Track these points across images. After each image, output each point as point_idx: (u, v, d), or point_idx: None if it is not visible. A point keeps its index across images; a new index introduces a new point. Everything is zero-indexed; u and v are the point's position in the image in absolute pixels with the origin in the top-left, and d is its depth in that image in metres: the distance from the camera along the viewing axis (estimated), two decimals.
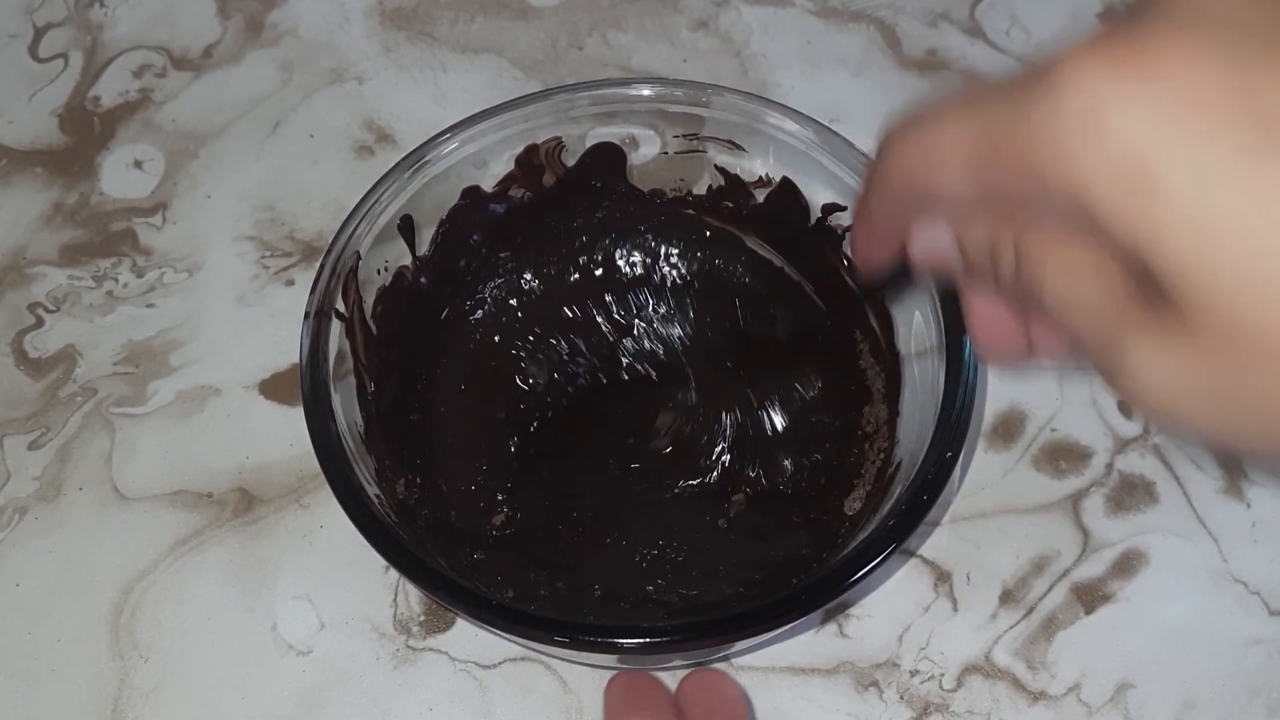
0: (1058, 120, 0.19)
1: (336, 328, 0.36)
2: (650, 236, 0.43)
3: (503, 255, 0.42)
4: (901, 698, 0.38)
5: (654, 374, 0.42)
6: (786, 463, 0.40)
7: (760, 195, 0.41)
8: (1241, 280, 0.18)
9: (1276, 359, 0.19)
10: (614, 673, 0.36)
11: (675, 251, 0.43)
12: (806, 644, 0.39)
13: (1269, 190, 0.18)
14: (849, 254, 0.29)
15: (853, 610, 0.39)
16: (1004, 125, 0.21)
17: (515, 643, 0.37)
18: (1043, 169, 0.20)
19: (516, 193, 0.41)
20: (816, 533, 0.38)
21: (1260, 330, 0.19)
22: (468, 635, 0.39)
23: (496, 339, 0.42)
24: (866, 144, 0.38)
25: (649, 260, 0.43)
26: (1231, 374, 0.20)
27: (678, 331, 0.42)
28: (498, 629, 0.31)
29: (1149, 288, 0.20)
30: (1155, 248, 0.19)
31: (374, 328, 0.38)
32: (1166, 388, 0.21)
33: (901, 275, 0.30)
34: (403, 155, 0.38)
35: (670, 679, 0.38)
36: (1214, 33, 0.19)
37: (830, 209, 0.39)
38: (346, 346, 0.37)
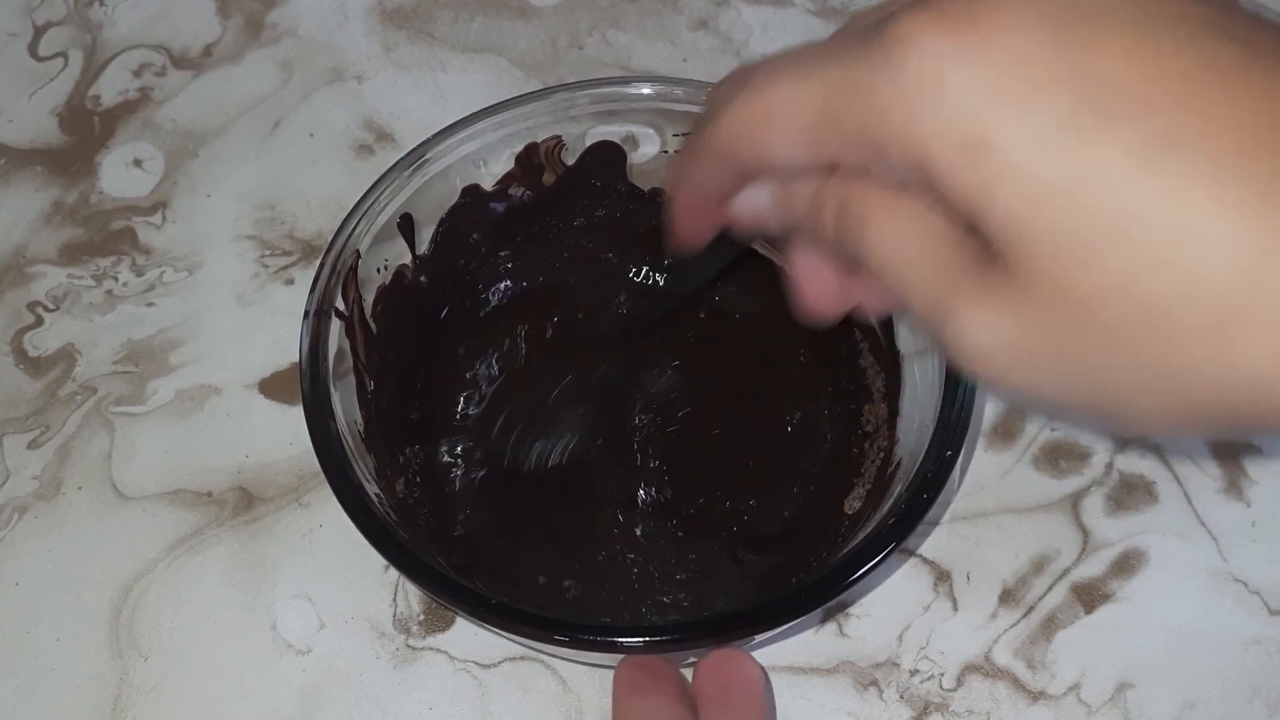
0: (899, 86, 0.20)
1: (336, 326, 0.36)
2: (652, 240, 0.43)
3: (503, 254, 0.42)
4: (901, 697, 0.38)
5: (664, 376, 0.42)
6: (787, 462, 0.40)
7: None
8: (1062, 240, 0.19)
9: (1094, 319, 0.20)
10: (614, 672, 0.36)
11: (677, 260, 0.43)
12: (806, 643, 0.39)
13: (1086, 156, 0.19)
14: (667, 226, 0.29)
15: (853, 610, 0.39)
16: (843, 91, 0.21)
17: (515, 642, 0.37)
18: (883, 134, 0.21)
19: (516, 191, 0.41)
20: (816, 533, 0.38)
21: (1080, 290, 0.20)
22: (467, 634, 0.39)
23: (497, 336, 0.42)
24: None
25: (652, 265, 0.43)
26: (1056, 335, 0.20)
27: (691, 334, 0.42)
28: (497, 628, 0.31)
29: (980, 252, 0.21)
30: (988, 208, 0.20)
31: (374, 326, 0.38)
32: (996, 350, 0.21)
33: (719, 244, 0.29)
34: (402, 154, 0.38)
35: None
36: (1043, 4, 0.20)
37: None
38: (346, 345, 0.37)
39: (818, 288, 0.28)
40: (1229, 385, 0.19)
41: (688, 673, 0.38)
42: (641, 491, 0.40)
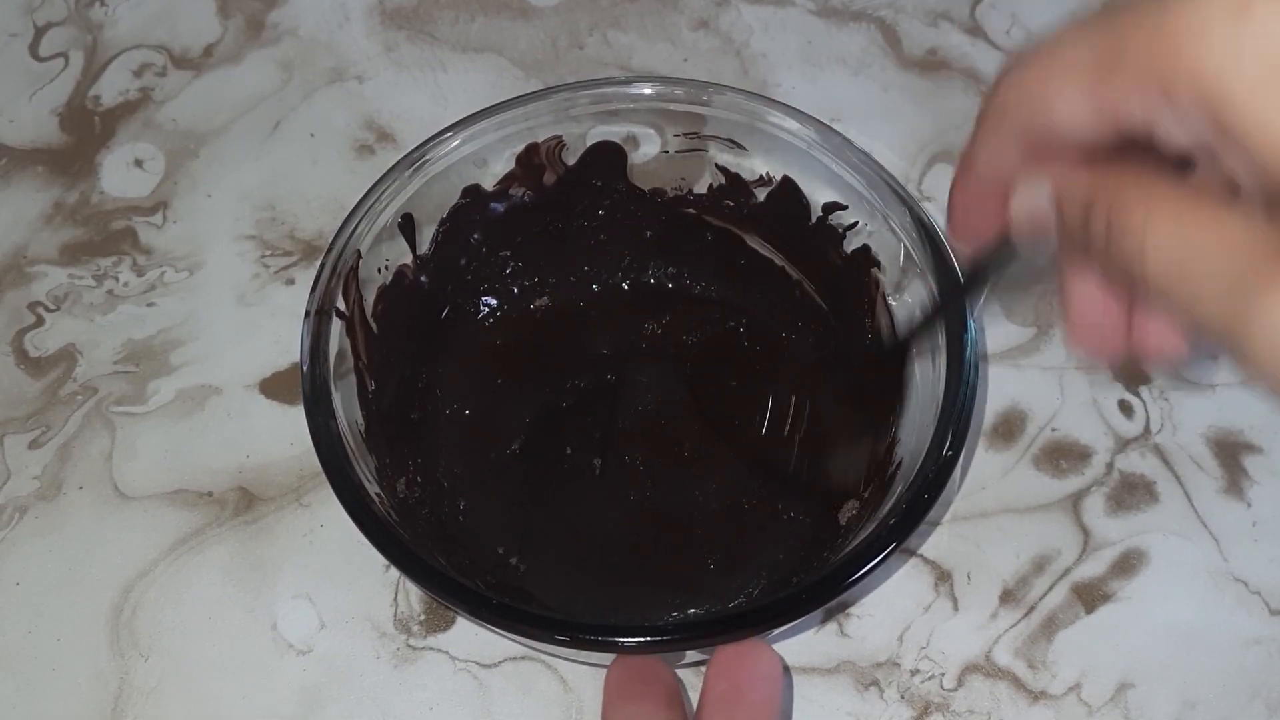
0: (1197, 15, 0.18)
1: (337, 326, 0.36)
2: (653, 244, 0.43)
3: (503, 254, 0.42)
4: (902, 697, 0.38)
5: (663, 375, 0.42)
6: (787, 462, 0.40)
7: (761, 194, 0.41)
8: None
9: None
10: (606, 673, 0.35)
11: (680, 261, 0.43)
12: (806, 643, 0.39)
13: None
14: (946, 230, 0.26)
15: (853, 610, 0.39)
16: (1128, 29, 0.19)
17: (515, 642, 0.37)
18: (1176, 71, 0.18)
19: (517, 191, 0.41)
20: (816, 533, 0.38)
21: None
22: (468, 634, 0.39)
23: (497, 338, 0.42)
24: (867, 143, 0.38)
25: (654, 266, 0.43)
26: None
27: (691, 333, 0.42)
28: (498, 628, 0.31)
29: (1267, 209, 0.18)
30: None
31: (374, 326, 0.38)
32: None
33: (1002, 249, 0.27)
34: (403, 154, 0.38)
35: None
36: None
37: (831, 208, 0.39)
38: (347, 345, 0.37)
39: (1094, 320, 0.25)
40: None
41: (685, 673, 0.38)
42: (644, 491, 0.40)
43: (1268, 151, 0.17)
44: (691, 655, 0.37)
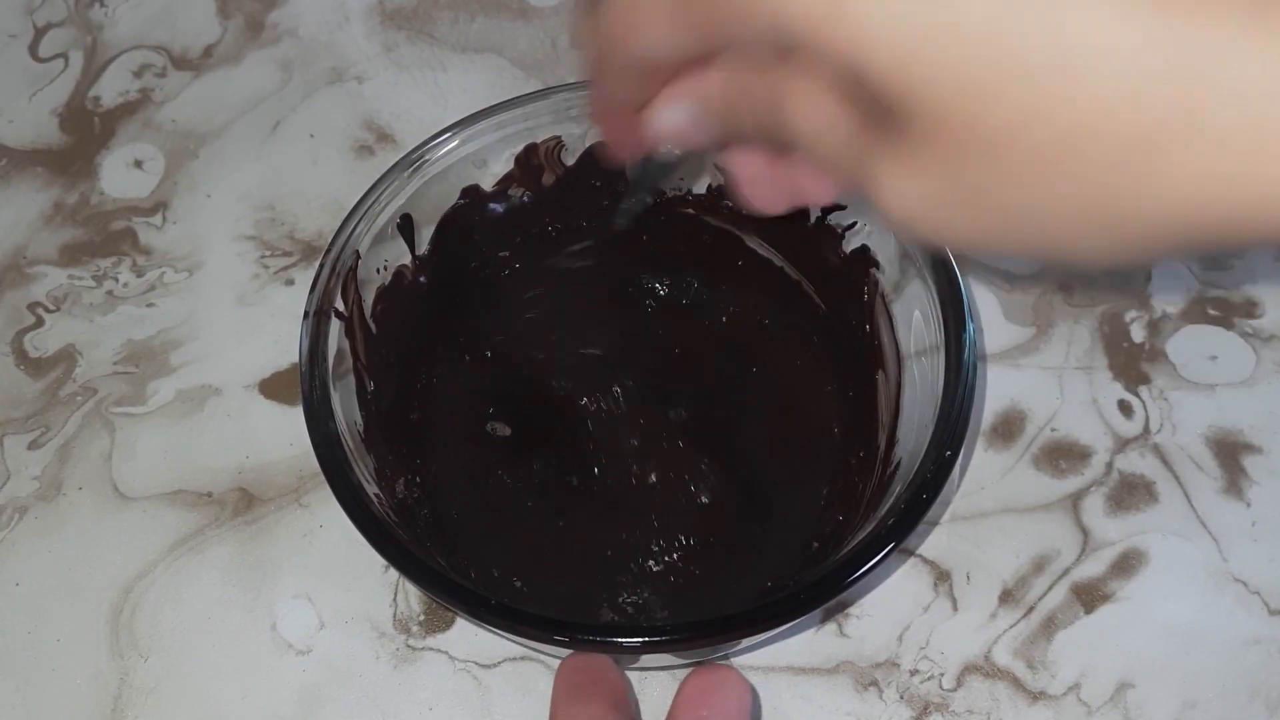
0: None
1: (336, 327, 0.36)
2: (654, 245, 0.43)
3: (502, 255, 0.42)
4: (901, 697, 0.38)
5: (662, 376, 0.42)
6: (788, 463, 0.40)
7: None
8: (950, 80, 0.18)
9: (1006, 157, 0.19)
10: (556, 671, 0.35)
11: (679, 266, 0.43)
12: (806, 644, 0.39)
13: None
14: (603, 147, 0.29)
15: (852, 610, 0.39)
16: None
17: (515, 642, 0.37)
18: (739, 4, 0.20)
19: (516, 192, 0.41)
20: (816, 532, 0.38)
21: (983, 129, 0.19)
22: (467, 635, 0.39)
23: (496, 337, 0.42)
24: None
25: (655, 268, 0.43)
26: (972, 181, 0.19)
27: (690, 332, 0.42)
28: (497, 629, 0.31)
29: (876, 107, 0.20)
30: (861, 60, 0.19)
31: (373, 327, 0.38)
32: (912, 202, 0.21)
33: (653, 158, 0.29)
34: (402, 155, 0.38)
35: (671, 677, 0.38)
36: None
37: (830, 208, 0.39)
38: (346, 346, 0.37)
39: (755, 179, 0.27)
40: (1171, 207, 0.18)
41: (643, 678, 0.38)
42: (642, 493, 0.40)
43: (831, 58, 0.19)
44: (692, 655, 0.37)
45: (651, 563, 0.38)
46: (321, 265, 0.36)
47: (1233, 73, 0.17)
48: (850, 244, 0.39)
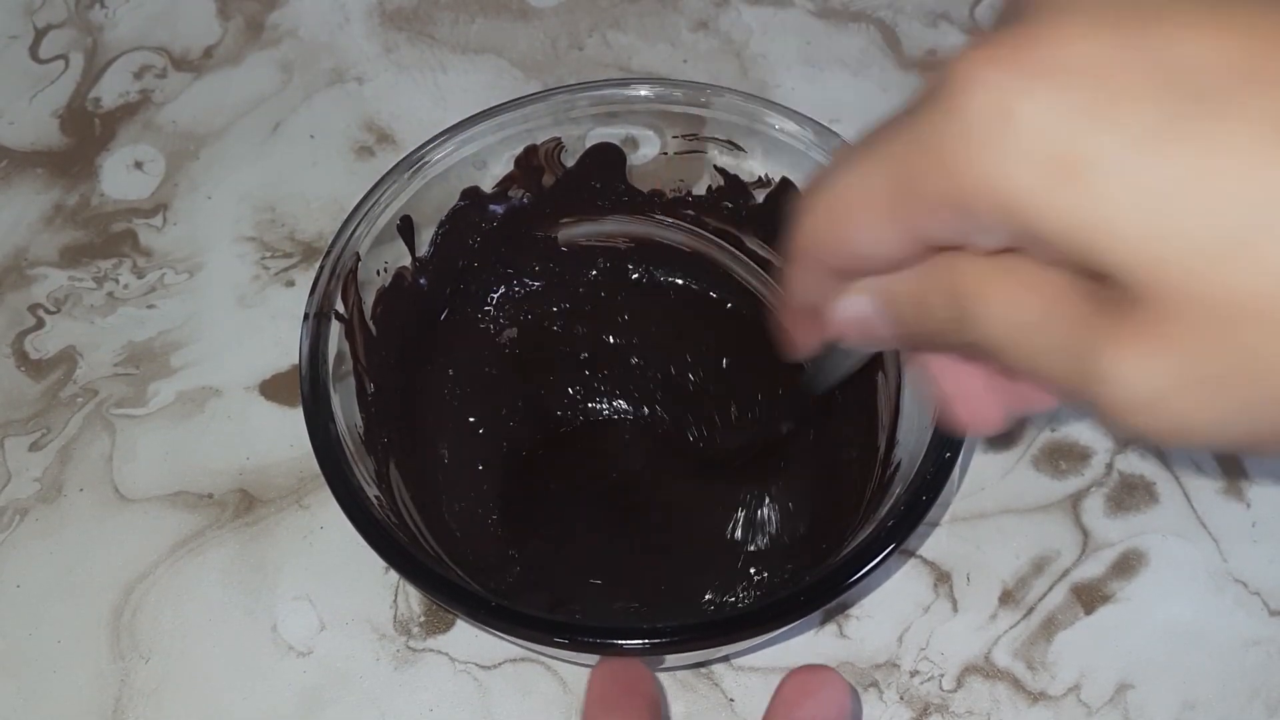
0: (966, 132, 0.18)
1: (336, 329, 0.36)
2: (655, 245, 0.43)
3: (502, 256, 0.42)
4: (901, 698, 0.38)
5: (663, 375, 0.42)
6: (788, 464, 0.40)
7: (760, 196, 0.41)
8: (1193, 251, 0.17)
9: (1251, 334, 0.17)
10: (588, 678, 0.35)
11: (683, 265, 0.43)
12: (806, 644, 0.39)
13: (1201, 148, 0.17)
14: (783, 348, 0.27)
15: (852, 611, 0.39)
16: (912, 157, 0.19)
17: (515, 644, 0.37)
18: (964, 190, 0.19)
19: (516, 193, 0.41)
20: (816, 532, 0.38)
21: (1227, 303, 0.17)
22: (468, 636, 0.39)
23: (497, 338, 0.42)
24: None
25: (657, 267, 0.43)
26: (1215, 357, 0.18)
27: (690, 332, 0.42)
28: (497, 630, 0.31)
29: (1107, 293, 0.19)
30: (1099, 239, 0.18)
31: (373, 329, 0.38)
32: (1156, 395, 0.19)
33: (841, 356, 0.28)
34: (403, 156, 0.38)
35: (672, 678, 0.38)
36: (1099, 7, 0.18)
37: None
38: (346, 347, 0.37)
39: (969, 400, 0.25)
40: None
41: (687, 675, 0.38)
42: (642, 495, 0.40)
43: (1070, 245, 0.18)
44: (692, 656, 0.37)
45: (653, 563, 0.39)
46: (321, 267, 0.36)
47: None
48: None
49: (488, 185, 0.40)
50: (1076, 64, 0.17)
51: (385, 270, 0.39)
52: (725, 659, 0.39)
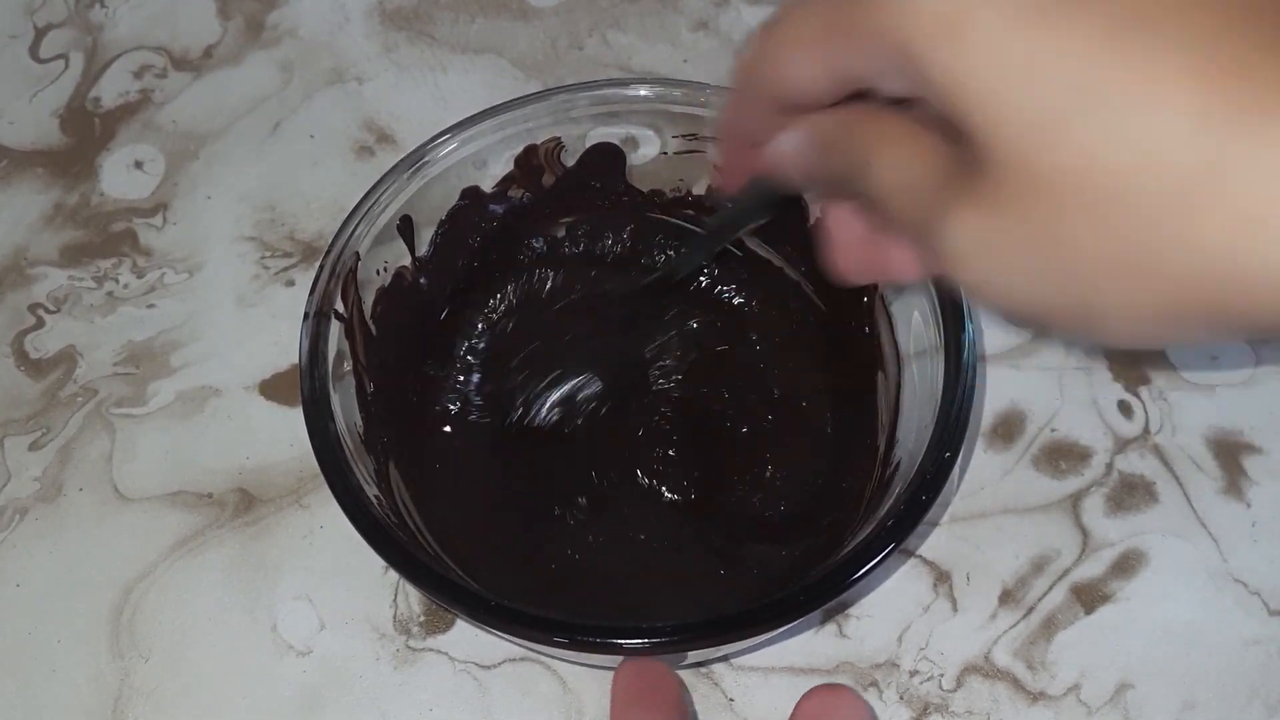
0: None
1: (336, 328, 0.36)
2: (656, 241, 0.43)
3: (502, 255, 0.42)
4: (901, 698, 0.38)
5: (663, 375, 0.42)
6: (788, 464, 0.40)
7: None
8: (1025, 120, 0.19)
9: (1059, 202, 0.19)
10: (613, 676, 0.35)
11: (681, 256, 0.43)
12: (806, 644, 0.39)
13: (1053, 32, 0.19)
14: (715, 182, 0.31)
15: (852, 610, 0.39)
16: (843, 3, 0.22)
17: (515, 643, 0.37)
18: (874, 29, 0.21)
19: (516, 193, 0.41)
20: (816, 532, 0.38)
21: (1044, 171, 0.19)
22: (468, 636, 0.39)
23: (496, 339, 0.42)
24: None
25: (658, 257, 0.43)
26: (1028, 227, 0.20)
27: (690, 331, 0.42)
28: (497, 629, 0.31)
29: (964, 155, 0.21)
30: (962, 96, 0.20)
31: (373, 328, 0.38)
32: (975, 251, 0.21)
33: (755, 191, 0.30)
34: (402, 156, 0.39)
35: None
36: None
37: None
38: (346, 347, 0.37)
39: (848, 244, 0.28)
40: (1196, 270, 0.19)
41: (685, 674, 0.38)
42: (643, 494, 0.40)
43: (941, 95, 0.20)
44: (692, 656, 0.37)
45: (654, 564, 0.38)
46: (321, 266, 0.36)
47: (1260, 156, 0.18)
48: None
49: (488, 185, 0.40)
50: None
51: (385, 270, 0.39)
52: (725, 658, 0.39)
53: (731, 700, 0.38)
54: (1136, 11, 0.19)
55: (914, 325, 0.37)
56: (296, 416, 0.36)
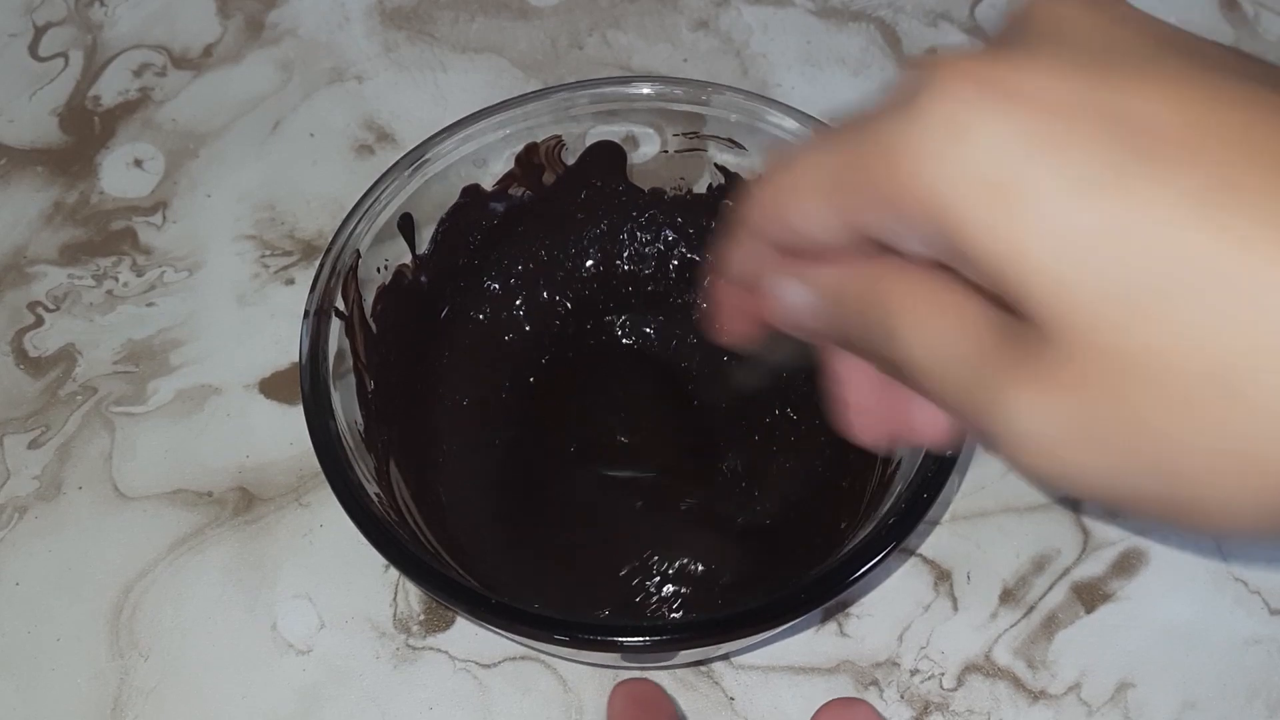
0: (920, 136, 0.18)
1: (336, 326, 0.36)
2: (656, 233, 0.43)
3: (503, 253, 0.42)
4: (902, 697, 0.38)
5: (663, 374, 0.42)
6: (787, 463, 0.40)
7: None
8: (1105, 298, 0.17)
9: (1151, 389, 0.17)
10: (615, 674, 0.35)
11: (687, 246, 0.43)
12: (806, 643, 0.39)
13: (1131, 203, 0.17)
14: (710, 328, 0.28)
15: (853, 609, 0.39)
16: (864, 147, 0.20)
17: (515, 642, 0.37)
18: (902, 187, 0.19)
19: (516, 191, 0.41)
20: (816, 532, 0.38)
21: (1131, 355, 0.17)
22: (468, 634, 0.39)
23: (497, 336, 0.42)
24: None
25: (657, 256, 0.43)
26: (1110, 413, 0.18)
27: (690, 331, 0.42)
28: (497, 628, 0.31)
29: (1017, 328, 0.19)
30: (1017, 270, 0.18)
31: (374, 326, 0.38)
32: (1046, 439, 0.19)
33: (773, 342, 0.28)
34: (403, 154, 0.38)
35: (672, 677, 0.38)
36: (1076, 50, 0.19)
37: None
38: (346, 345, 0.37)
39: (862, 407, 0.26)
40: None
41: (686, 674, 0.38)
42: (643, 493, 0.40)
43: (990, 267, 0.18)
44: (693, 655, 0.37)
45: (655, 564, 0.38)
46: (322, 265, 0.36)
47: None
48: None
49: (488, 183, 0.40)
50: (1039, 97, 0.18)
51: (386, 268, 0.39)
52: (725, 657, 0.39)
53: (732, 699, 0.38)
54: (1224, 177, 0.17)
55: None
56: (297, 415, 0.36)
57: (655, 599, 0.38)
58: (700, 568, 0.38)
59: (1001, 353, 0.19)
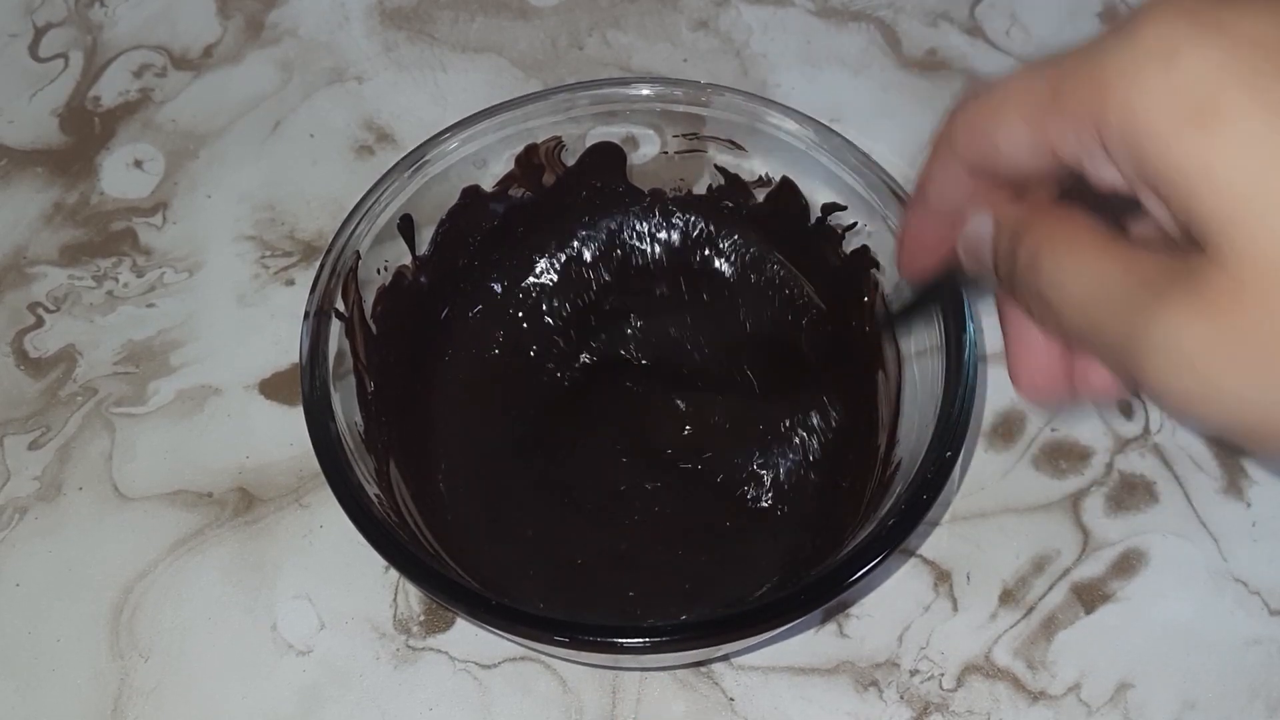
0: (1132, 57, 0.20)
1: (336, 327, 0.36)
2: (657, 230, 0.43)
3: (503, 254, 0.42)
4: (901, 697, 0.38)
5: (662, 374, 0.42)
6: (788, 463, 0.40)
7: (760, 195, 0.41)
8: None
9: None
10: (615, 674, 0.35)
11: (686, 245, 0.43)
12: (806, 644, 0.39)
13: None
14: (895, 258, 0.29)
15: (853, 610, 0.39)
16: (1073, 70, 0.21)
17: (515, 642, 0.37)
18: (1106, 108, 0.20)
19: (516, 192, 0.41)
20: (816, 532, 0.38)
21: None
22: (468, 635, 0.39)
23: (497, 337, 0.42)
24: (867, 144, 0.38)
25: (656, 255, 0.43)
26: (1260, 323, 0.19)
27: (689, 331, 0.42)
28: (497, 629, 0.31)
29: (1170, 261, 0.20)
30: (1204, 187, 0.19)
31: (374, 327, 0.38)
32: (1190, 354, 0.19)
33: (948, 276, 0.28)
34: (403, 155, 0.38)
35: (672, 677, 0.38)
36: None
37: (830, 208, 0.39)
38: (346, 346, 0.37)
39: (1036, 365, 0.26)
40: None
41: (685, 674, 0.38)
42: (644, 493, 0.40)
43: (1174, 184, 0.19)
44: (692, 655, 0.37)
45: (655, 564, 0.38)
46: (322, 265, 0.36)
47: None
48: (850, 244, 0.39)
49: (488, 184, 0.40)
50: (1249, 32, 0.19)
51: (386, 269, 0.39)
52: (725, 658, 0.39)
53: (732, 700, 0.38)
54: None
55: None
56: (296, 415, 0.36)
57: (655, 600, 0.38)
58: (700, 569, 0.38)
59: (1157, 278, 0.20)
